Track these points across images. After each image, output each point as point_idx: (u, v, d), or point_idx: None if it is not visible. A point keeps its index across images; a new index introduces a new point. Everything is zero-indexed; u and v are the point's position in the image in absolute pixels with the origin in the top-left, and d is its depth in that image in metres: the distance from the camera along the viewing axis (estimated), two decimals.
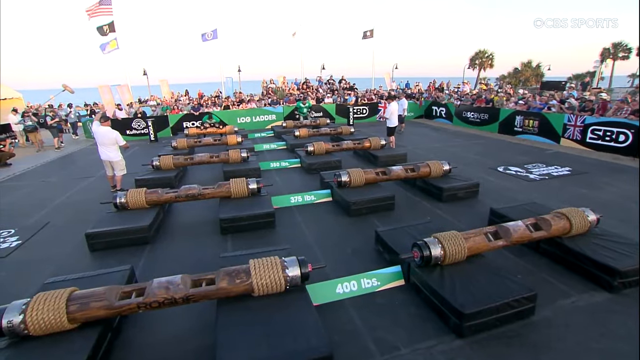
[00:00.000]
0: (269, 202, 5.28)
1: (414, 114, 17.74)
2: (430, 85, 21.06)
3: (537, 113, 11.23)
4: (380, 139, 8.89)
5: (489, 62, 37.29)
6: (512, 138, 11.82)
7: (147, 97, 26.59)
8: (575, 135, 9.85)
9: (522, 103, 12.17)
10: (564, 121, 10.18)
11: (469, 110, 14.46)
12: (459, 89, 18.60)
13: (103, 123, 6.45)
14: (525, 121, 11.68)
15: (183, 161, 7.41)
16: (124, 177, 7.25)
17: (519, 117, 11.90)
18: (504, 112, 12.64)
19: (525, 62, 38.32)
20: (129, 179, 7.60)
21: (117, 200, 5.06)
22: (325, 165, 7.80)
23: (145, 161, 9.44)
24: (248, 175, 7.22)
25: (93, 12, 15.13)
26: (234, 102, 14.75)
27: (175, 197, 5.21)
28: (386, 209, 5.56)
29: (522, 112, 11.85)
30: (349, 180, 5.84)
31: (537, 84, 35.67)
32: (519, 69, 39.12)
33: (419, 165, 6.33)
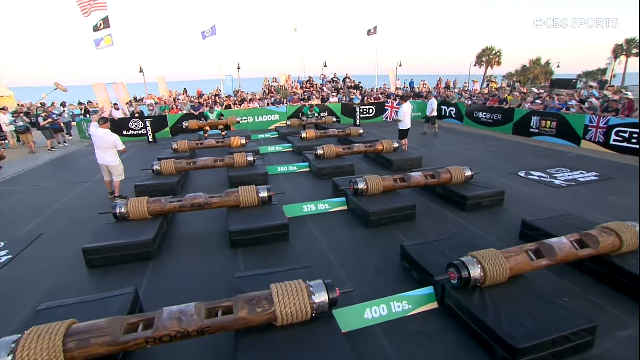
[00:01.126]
0: (281, 213, 5.02)
1: (422, 114, 17.48)
2: (439, 84, 20.82)
3: (555, 114, 10.97)
4: (393, 142, 8.63)
5: (497, 59, 37.05)
6: (528, 140, 11.57)
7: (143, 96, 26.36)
8: (598, 137, 9.59)
9: (539, 103, 11.91)
10: (586, 122, 9.92)
11: (481, 110, 14.21)
12: (469, 88, 18.35)
13: (102, 125, 6.18)
14: (542, 122, 11.42)
15: (185, 166, 7.14)
16: (122, 183, 7.00)
17: (536, 117, 11.65)
18: (518, 113, 12.39)
19: (534, 60, 38.07)
20: (127, 184, 7.32)
21: (116, 210, 4.79)
22: (337, 170, 7.54)
23: (143, 164, 9.21)
24: (255, 181, 6.97)
25: (87, 6, 14.87)
26: (236, 102, 14.47)
27: (180, 207, 4.94)
28: (407, 219, 5.30)
29: (538, 112, 11.60)
30: (366, 188, 5.58)
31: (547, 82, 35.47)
32: (527, 67, 38.87)
33: (439, 171, 6.07)
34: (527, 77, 37.46)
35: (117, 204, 4.84)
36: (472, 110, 14.56)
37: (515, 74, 42.54)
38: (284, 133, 12.25)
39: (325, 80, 19.23)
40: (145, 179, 6.87)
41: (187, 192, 6.88)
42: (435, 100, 12.98)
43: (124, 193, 6.65)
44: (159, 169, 6.98)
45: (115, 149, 6.29)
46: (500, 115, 13.23)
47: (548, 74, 36.56)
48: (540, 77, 36.45)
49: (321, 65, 31.50)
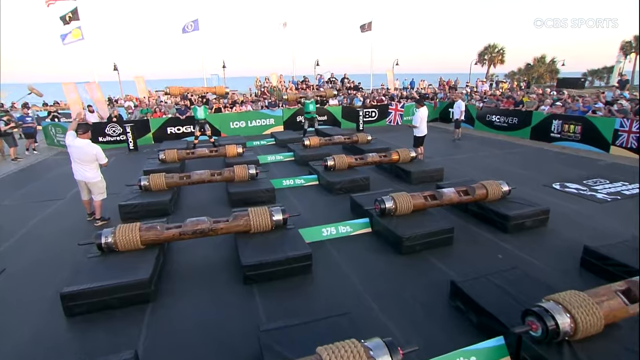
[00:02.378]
0: (300, 240, 4.57)
1: (429, 117, 17.30)
2: (444, 84, 20.72)
3: (579, 117, 10.84)
4: (409, 151, 8.29)
5: (500, 57, 37.46)
6: (549, 145, 11.41)
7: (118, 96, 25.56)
8: (631, 142, 9.44)
9: (559, 105, 11.78)
10: (615, 126, 9.78)
11: (494, 113, 14.07)
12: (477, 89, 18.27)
13: (81, 135, 5.64)
14: (564, 126, 11.28)
15: (178, 180, 6.63)
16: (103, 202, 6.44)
17: (557, 121, 11.51)
18: (537, 116, 12.25)
19: (539, 58, 38.66)
20: (109, 202, 6.74)
21: (101, 240, 4.26)
22: (351, 184, 7.14)
23: (125, 177, 8.66)
24: (259, 198, 6.54)
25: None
26: (226, 105, 13.97)
27: (179, 235, 4.44)
28: (443, 243, 4.92)
29: (560, 115, 11.46)
30: (394, 208, 5.18)
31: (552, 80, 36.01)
32: (531, 65, 39.43)
33: (473, 186, 5.73)
34: (531, 75, 37.94)
35: (102, 233, 4.30)
36: (484, 113, 14.40)
37: (518, 72, 43.16)
38: (282, 140, 11.83)
39: (321, 80, 18.91)
40: (131, 196, 6.33)
41: (180, 211, 6.37)
42: (463, 103, 12.72)
43: (105, 214, 6.09)
44: (147, 184, 6.45)
45: (96, 163, 5.75)
46: (516, 119, 13.09)
47: (553, 73, 37.14)
48: (545, 76, 37.01)
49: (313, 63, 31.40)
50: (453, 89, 17.94)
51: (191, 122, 12.70)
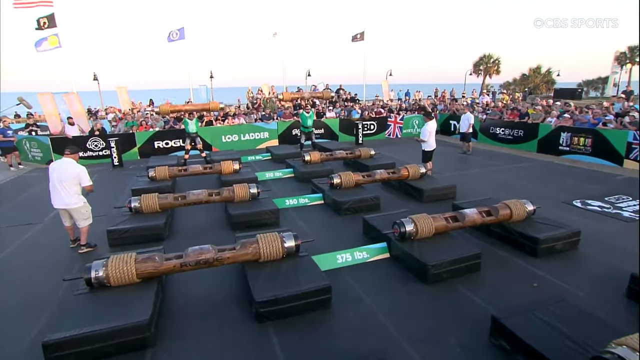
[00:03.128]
0: (316, 270, 4.28)
1: None
2: (443, 96, 20.85)
3: (589, 129, 10.87)
4: (419, 167, 8.12)
5: (496, 67, 38.15)
6: (558, 159, 11.40)
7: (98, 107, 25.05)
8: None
9: (567, 117, 11.84)
10: (628, 139, 9.80)
11: (498, 126, 14.08)
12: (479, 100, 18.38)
13: (68, 155, 5.28)
14: (574, 139, 11.30)
15: (173, 201, 6.29)
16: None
17: (566, 134, 11.54)
18: (544, 128, 12.28)
19: (534, 68, 39.50)
20: (96, 226, 6.37)
21: (91, 274, 3.89)
22: (360, 204, 6.90)
23: (110, 195, 8.31)
24: (263, 220, 6.26)
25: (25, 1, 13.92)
26: (218, 117, 13.70)
27: (180, 266, 4.10)
28: (471, 270, 4.69)
29: (569, 128, 11.49)
30: (415, 231, 4.94)
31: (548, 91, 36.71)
32: (527, 75, 40.23)
33: (496, 206, 5.54)
34: (527, 86, 38.65)
35: (92, 266, 3.94)
36: (488, 125, 14.42)
37: (514, 82, 43.98)
38: (279, 155, 11.56)
39: (316, 91, 18.78)
40: (119, 220, 5.95)
41: (176, 236, 6.02)
42: (472, 115, 12.68)
43: (92, 240, 5.70)
44: (138, 206, 6.09)
45: (79, 186, 5.32)
46: (522, 131, 13.10)
47: (549, 83, 37.91)
48: (542, 87, 37.73)
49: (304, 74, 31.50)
50: (454, 101, 17.98)
51: (180, 135, 12.39)
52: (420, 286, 4.45)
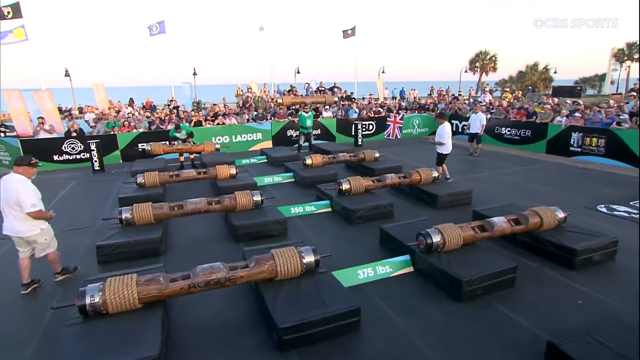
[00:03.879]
0: (340, 288, 4.03)
1: (429, 129, 17.25)
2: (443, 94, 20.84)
3: (602, 129, 10.89)
4: (431, 170, 7.95)
5: (492, 64, 38.59)
6: (569, 160, 11.40)
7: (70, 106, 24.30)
8: None
9: (578, 116, 11.85)
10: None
11: (504, 126, 14.07)
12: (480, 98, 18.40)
13: (17, 169, 4.44)
14: (585, 139, 11.32)
15: (169, 211, 5.95)
16: (70, 240, 5.73)
17: (577, 134, 11.55)
18: (553, 128, 12.28)
19: (531, 65, 40.11)
20: (78, 241, 6.05)
21: (85, 300, 3.54)
22: (373, 211, 6.69)
23: (92, 204, 7.98)
24: (270, 232, 6.01)
25: None
26: (207, 117, 13.34)
27: (188, 288, 3.79)
28: (506, 285, 4.49)
29: (580, 128, 11.51)
30: (442, 242, 4.73)
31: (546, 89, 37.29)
32: (524, 72, 40.81)
33: (525, 214, 5.37)
34: (524, 84, 39.21)
35: (86, 291, 3.59)
36: (492, 125, 14.38)
37: (509, 80, 44.61)
38: (275, 158, 11.29)
39: (309, 89, 18.56)
40: (109, 234, 5.58)
41: (173, 251, 5.68)
42: (484, 115, 12.57)
43: (70, 263, 5.24)
44: (129, 217, 5.73)
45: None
46: (530, 132, 13.10)
47: (547, 81, 38.52)
48: (539, 84, 38.31)
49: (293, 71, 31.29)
50: (455, 100, 17.96)
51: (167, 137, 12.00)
52: (453, 304, 4.23)
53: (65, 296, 4.47)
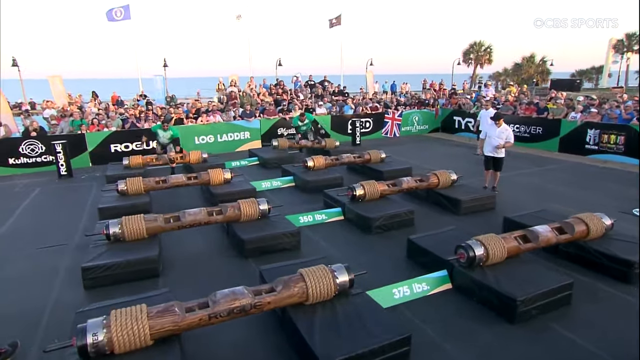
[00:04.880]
0: (381, 311, 3.81)
1: (428, 126, 17.29)
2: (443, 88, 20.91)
3: (621, 126, 11.04)
4: (449, 173, 7.83)
5: (487, 56, 39.17)
6: (587, 159, 11.52)
7: (20, 100, 23.23)
8: None
9: (594, 112, 12.00)
10: None
11: (513, 122, 14.11)
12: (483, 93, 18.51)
13: None
14: (603, 136, 11.46)
15: (164, 225, 5.59)
16: (50, 259, 5.31)
17: (593, 131, 11.69)
18: (567, 125, 12.42)
19: (528, 57, 40.93)
20: (54, 261, 5.62)
21: (87, 339, 3.16)
22: (393, 220, 6.53)
23: (63, 215, 7.60)
24: (282, 245, 5.79)
25: None
26: (188, 115, 12.90)
27: (209, 319, 3.48)
28: (561, 303, 4.36)
29: (597, 124, 11.64)
30: (485, 255, 4.57)
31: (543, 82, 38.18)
32: (520, 65, 41.62)
33: (569, 222, 5.28)
34: (520, 76, 40.00)
35: (87, 328, 3.22)
36: None
37: (504, 73, 45.46)
38: (268, 159, 11.00)
39: (298, 83, 18.32)
40: (96, 253, 5.16)
41: (173, 270, 5.33)
42: (494, 111, 12.53)
43: (51, 288, 4.80)
44: (118, 232, 5.34)
45: None
46: (541, 128, 13.21)
47: (544, 74, 39.40)
48: (536, 77, 39.13)
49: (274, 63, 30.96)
50: (455, 94, 18.05)
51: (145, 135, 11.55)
52: (506, 326, 4.06)
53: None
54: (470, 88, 33.41)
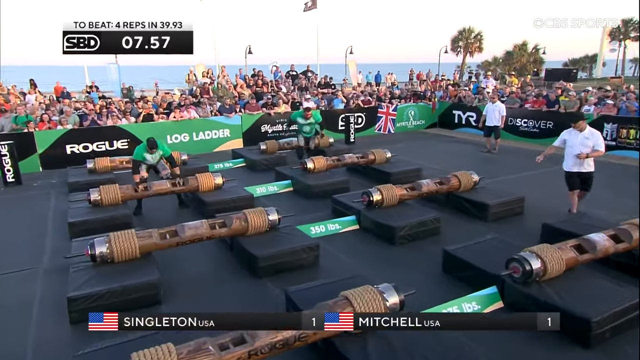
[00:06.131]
0: (439, 337, 3.65)
1: (425, 121, 17.38)
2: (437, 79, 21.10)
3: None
4: (471, 175, 7.82)
5: (477, 44, 40.00)
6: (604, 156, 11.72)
7: None
8: None
9: (610, 104, 12.29)
10: None
11: (520, 116, 14.38)
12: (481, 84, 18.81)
13: None
14: (621, 131, 11.75)
15: (160, 241, 5.27)
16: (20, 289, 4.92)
17: (610, 125, 11.98)
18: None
19: (520, 45, 42.02)
20: (24, 290, 5.20)
21: None
22: (419, 229, 6.44)
23: (20, 233, 7.08)
24: (300, 261, 5.60)
25: None
26: (158, 110, 12.45)
27: (248, 357, 3.23)
28: (633, 323, 4.32)
29: (614, 118, 11.93)
30: (542, 269, 4.51)
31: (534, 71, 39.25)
32: (512, 53, 42.70)
33: (624, 228, 5.30)
34: (512, 66, 41.04)
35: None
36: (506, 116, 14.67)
37: (494, 62, 46.53)
38: (256, 160, 10.80)
39: (278, 73, 18.07)
40: (82, 279, 4.77)
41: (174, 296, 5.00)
42: (502, 105, 12.66)
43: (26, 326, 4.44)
44: (106, 252, 4.98)
45: None
46: (552, 123, 13.43)
47: (537, 63, 40.56)
48: (529, 66, 40.25)
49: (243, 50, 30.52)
50: (456, 86, 18.26)
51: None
52: (581, 352, 3.98)
53: None
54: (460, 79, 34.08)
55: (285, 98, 14.44)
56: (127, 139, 11.79)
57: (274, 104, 13.84)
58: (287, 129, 12.25)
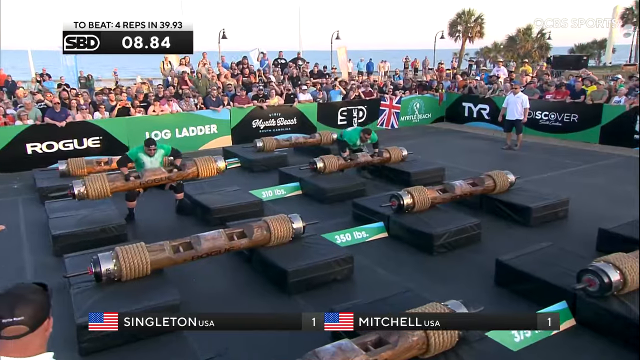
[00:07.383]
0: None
1: (431, 115, 17.50)
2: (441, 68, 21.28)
3: None
4: (506, 175, 7.87)
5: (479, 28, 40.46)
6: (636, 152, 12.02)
7: None
8: None
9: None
10: None
11: (540, 109, 14.53)
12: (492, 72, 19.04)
13: None
14: None
15: (173, 255, 5.14)
16: None
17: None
18: (610, 111, 12.91)
19: (523, 29, 42.59)
20: None
21: None
22: (458, 236, 6.47)
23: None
24: (333, 276, 5.53)
25: None
26: (134, 103, 12.23)
27: None
28: None
29: None
30: (622, 281, 4.54)
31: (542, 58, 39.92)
32: (515, 38, 43.31)
33: None
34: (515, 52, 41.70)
35: None
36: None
37: (494, 48, 47.19)
38: (253, 160, 10.80)
39: (265, 61, 17.96)
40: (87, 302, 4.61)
41: None
42: (525, 96, 12.74)
43: None
44: (113, 269, 4.82)
45: None
46: (577, 116, 13.66)
47: (543, 49, 41.26)
48: (534, 53, 40.92)
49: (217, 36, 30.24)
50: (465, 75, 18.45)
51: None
52: None
53: None
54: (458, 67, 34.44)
55: (277, 89, 14.34)
56: (100, 136, 11.58)
57: (265, 96, 13.73)
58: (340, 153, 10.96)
